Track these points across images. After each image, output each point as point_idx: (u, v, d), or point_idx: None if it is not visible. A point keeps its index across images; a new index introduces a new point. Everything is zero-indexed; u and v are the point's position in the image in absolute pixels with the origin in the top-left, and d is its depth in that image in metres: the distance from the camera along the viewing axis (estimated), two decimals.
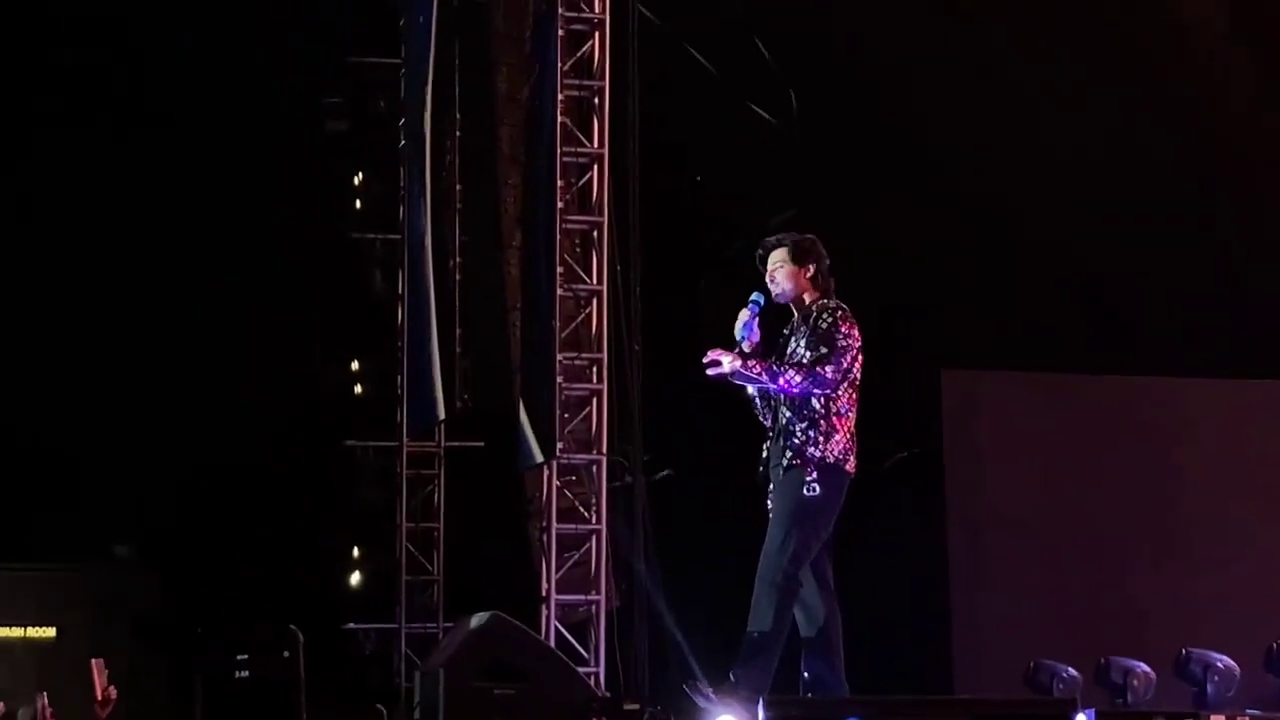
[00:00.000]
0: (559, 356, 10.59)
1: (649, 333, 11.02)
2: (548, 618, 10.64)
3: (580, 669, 9.82)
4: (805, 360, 8.24)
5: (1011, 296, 12.14)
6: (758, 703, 7.73)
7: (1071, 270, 12.20)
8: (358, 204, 12.88)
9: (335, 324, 12.71)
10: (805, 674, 8.34)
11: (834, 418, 8.25)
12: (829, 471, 8.20)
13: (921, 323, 12.04)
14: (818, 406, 8.24)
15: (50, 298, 12.34)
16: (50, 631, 12.03)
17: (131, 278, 12.43)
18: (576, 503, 10.85)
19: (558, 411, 10.53)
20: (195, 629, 10.74)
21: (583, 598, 10.76)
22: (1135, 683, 10.20)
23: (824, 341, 8.25)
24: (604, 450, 10.76)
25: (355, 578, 12.50)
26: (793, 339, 8.45)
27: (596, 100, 10.95)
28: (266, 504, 12.36)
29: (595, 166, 10.94)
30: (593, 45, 10.98)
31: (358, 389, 12.69)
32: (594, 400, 10.83)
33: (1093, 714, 8.26)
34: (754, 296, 8.53)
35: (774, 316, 8.59)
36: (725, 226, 11.88)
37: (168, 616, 11.98)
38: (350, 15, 12.80)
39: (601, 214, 10.87)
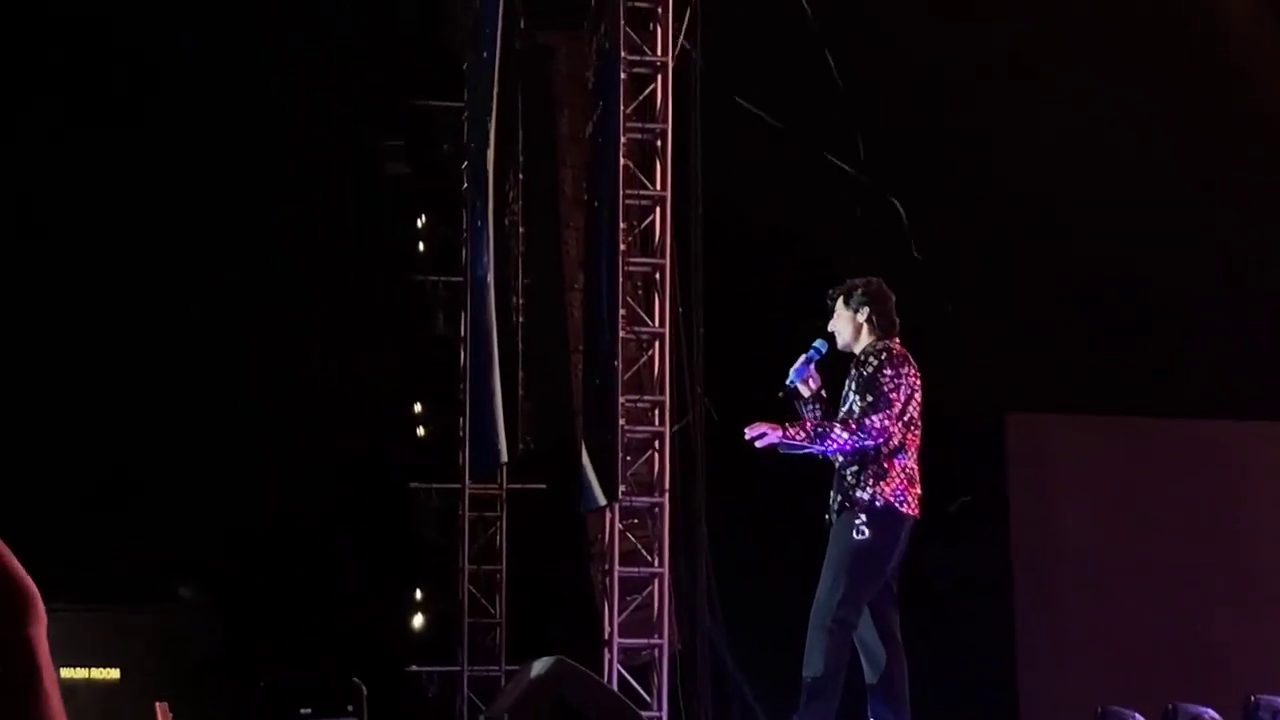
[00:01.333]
0: (621, 399, 10.58)
1: (711, 375, 11.01)
2: (610, 661, 10.60)
3: (643, 713, 9.78)
4: (854, 413, 8.17)
5: (1077, 338, 12.07)
6: None
7: (1138, 311, 12.12)
8: (420, 246, 12.90)
9: (398, 366, 12.72)
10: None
11: (885, 460, 8.17)
12: (880, 515, 8.13)
13: (986, 365, 11.98)
14: (869, 450, 8.18)
15: (119, 340, 12.39)
16: (114, 673, 12.05)
17: (194, 320, 12.49)
18: (639, 545, 10.83)
19: (620, 454, 10.51)
20: (258, 682, 10.77)
21: (645, 641, 10.72)
22: None
23: (869, 389, 8.19)
24: (666, 492, 10.73)
25: (418, 620, 12.48)
26: (846, 387, 8.42)
27: (659, 143, 10.96)
28: (330, 546, 12.37)
29: (658, 209, 10.94)
30: (655, 88, 11.00)
31: (420, 431, 12.70)
32: (656, 443, 10.81)
33: None
34: (816, 343, 8.51)
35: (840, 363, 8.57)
36: (790, 269, 11.83)
37: (231, 659, 12.00)
38: (412, 58, 12.84)
39: (664, 256, 10.88)
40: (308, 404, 12.36)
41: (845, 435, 8.11)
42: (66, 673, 11.98)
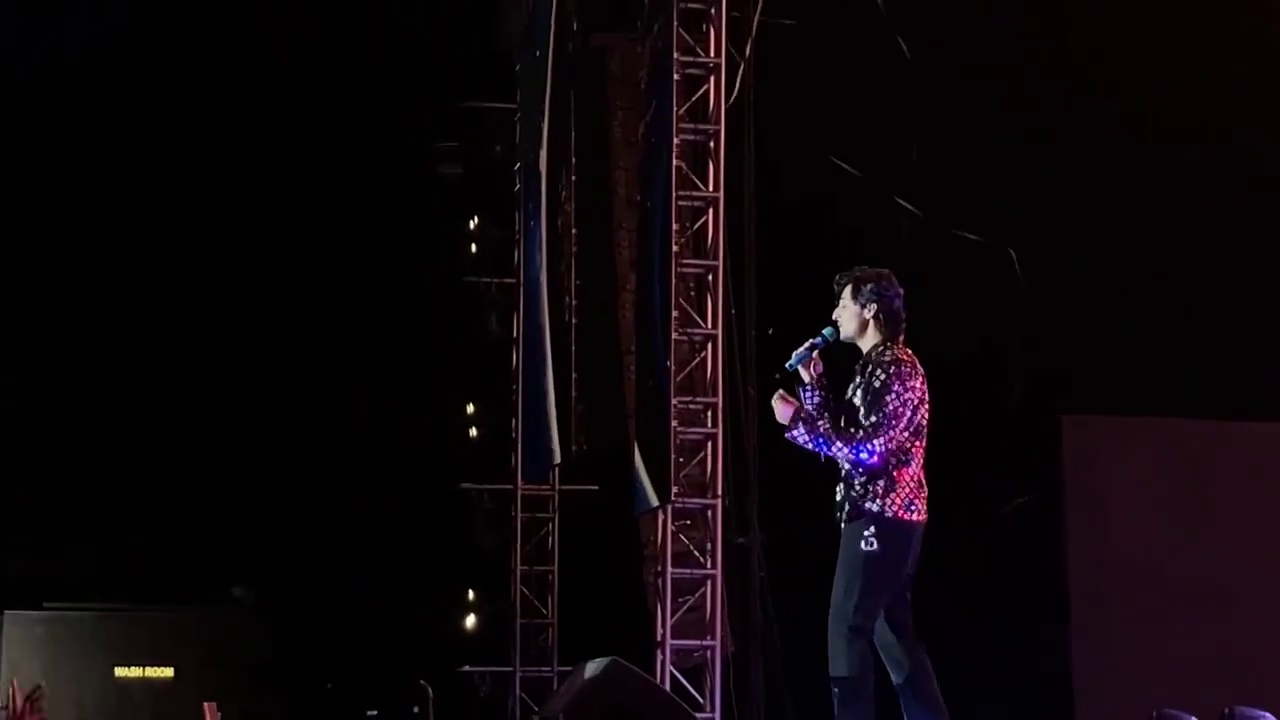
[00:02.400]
0: (674, 400, 10.56)
1: (764, 377, 10.98)
2: (663, 663, 10.58)
3: (696, 715, 9.75)
4: (862, 426, 8.11)
5: (1136, 340, 11.99)
6: None
7: (1194, 313, 12.04)
8: (473, 248, 12.93)
9: (451, 367, 12.75)
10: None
11: (894, 471, 8.12)
12: (888, 526, 8.07)
13: (1042, 366, 11.93)
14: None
15: (171, 347, 12.47)
16: (168, 672, 12.13)
17: (250, 321, 12.55)
18: (691, 547, 10.80)
19: (673, 455, 10.49)
20: (324, 683, 10.80)
21: (698, 643, 10.69)
22: None
23: (875, 406, 8.09)
24: (719, 494, 10.70)
25: (471, 620, 12.51)
26: (851, 384, 8.35)
27: (712, 144, 10.93)
28: (383, 547, 12.42)
29: (710, 210, 10.90)
30: (708, 89, 10.96)
31: (473, 432, 12.72)
32: (709, 444, 10.78)
33: None
34: (825, 330, 8.44)
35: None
36: (843, 270, 11.80)
37: (283, 659, 12.05)
38: (465, 60, 12.86)
39: (717, 258, 10.84)
40: (361, 406, 12.40)
41: (847, 451, 8.08)
42: (121, 672, 12.07)
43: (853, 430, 8.07)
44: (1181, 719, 10.19)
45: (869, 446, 8.00)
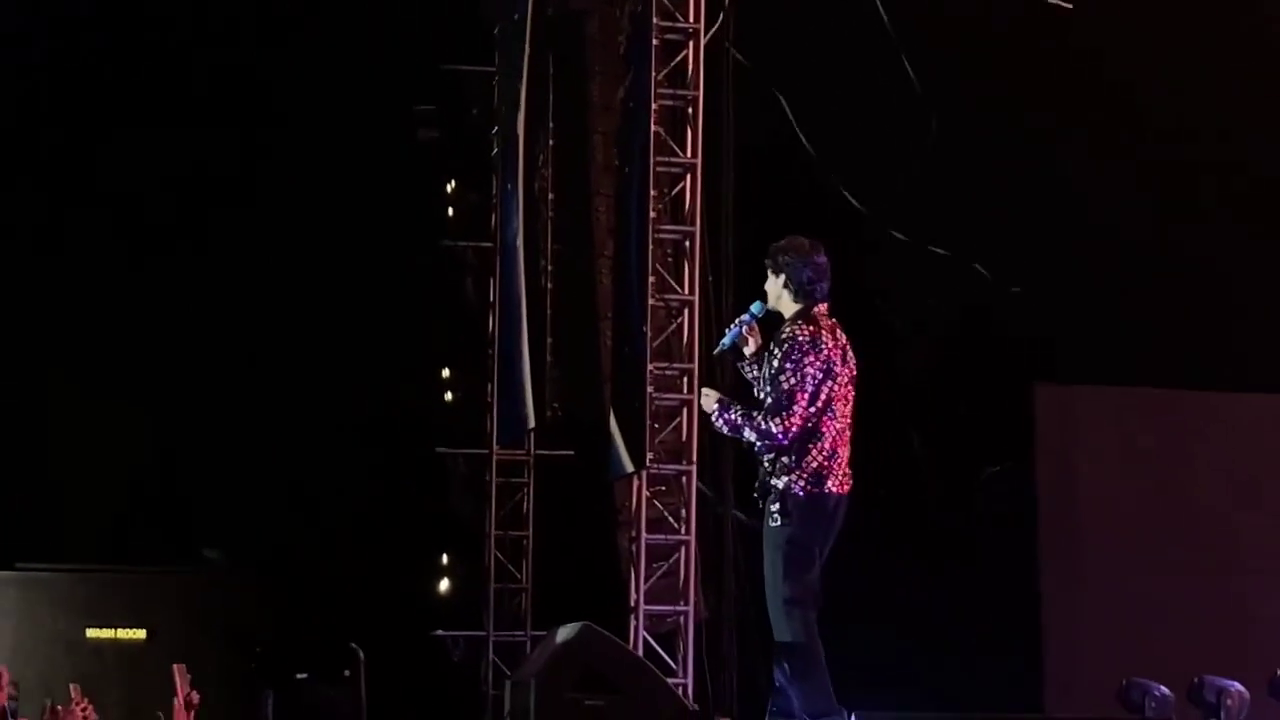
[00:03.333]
0: (650, 366, 10.57)
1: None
2: (636, 628, 10.60)
3: (668, 680, 9.78)
4: (763, 408, 8.21)
5: (1107, 310, 12.03)
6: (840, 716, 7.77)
7: (1166, 282, 12.07)
8: (450, 212, 12.89)
9: (426, 331, 12.73)
10: (776, 683, 8.38)
11: (797, 450, 8.20)
12: (793, 501, 8.19)
13: (1015, 335, 11.96)
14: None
15: (145, 306, 12.44)
16: (140, 633, 12.11)
17: (222, 285, 12.52)
18: (666, 513, 10.82)
19: (648, 421, 10.50)
20: (254, 648, 10.79)
21: (671, 608, 10.72)
22: (1229, 703, 10.06)
23: (772, 387, 8.21)
24: (694, 460, 10.72)
25: (444, 585, 12.52)
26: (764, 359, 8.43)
27: (690, 110, 10.92)
28: (356, 510, 12.41)
29: (688, 176, 10.90)
30: (687, 55, 10.95)
31: (448, 396, 12.71)
32: (684, 411, 10.80)
33: None
34: (754, 305, 8.53)
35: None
36: (820, 237, 11.81)
37: (258, 621, 12.05)
38: (443, 23, 12.81)
39: (694, 224, 10.84)
40: (335, 369, 12.38)
41: (752, 435, 8.21)
42: (93, 633, 12.06)
43: (754, 413, 8.17)
44: (1150, 687, 10.25)
45: (768, 428, 8.11)
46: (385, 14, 12.55)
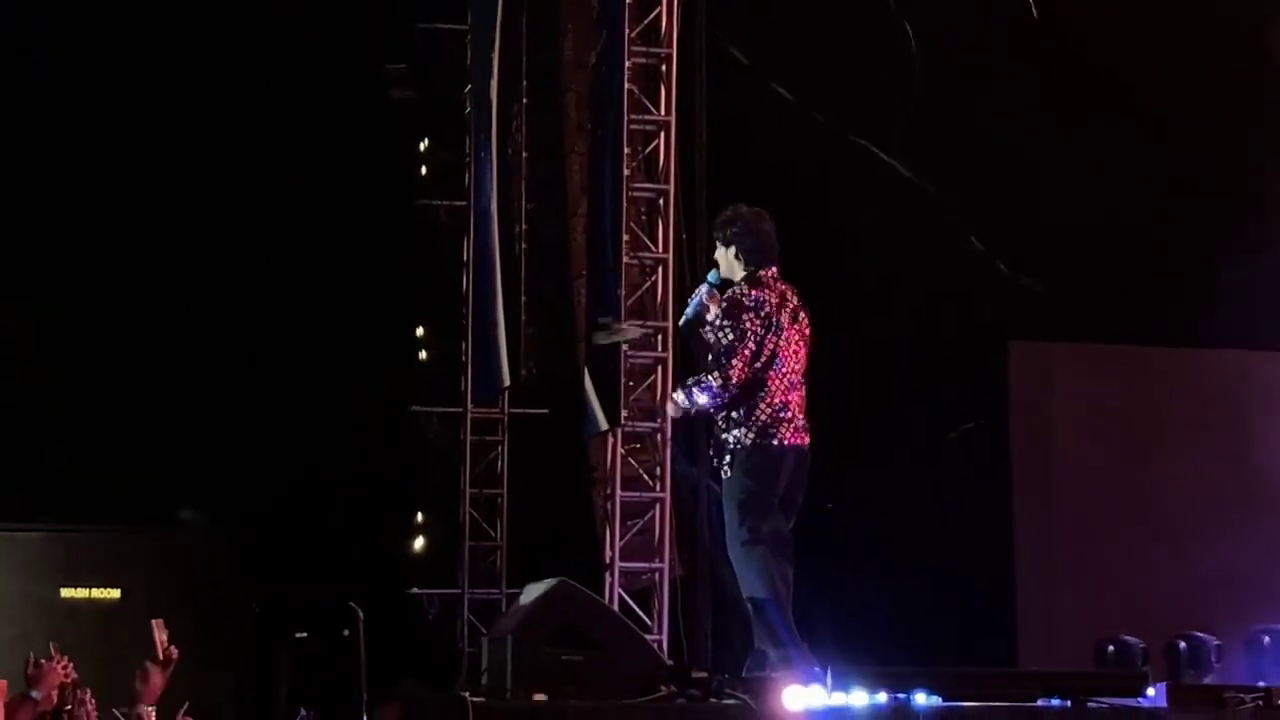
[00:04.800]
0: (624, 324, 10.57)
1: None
2: (611, 585, 10.64)
3: (643, 636, 9.80)
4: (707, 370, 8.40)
5: (1081, 266, 12.04)
6: (801, 662, 7.86)
7: (1140, 240, 12.09)
8: (423, 171, 12.85)
9: (400, 290, 12.70)
10: (755, 644, 8.49)
11: (743, 404, 8.44)
12: (743, 454, 8.45)
13: (989, 293, 11.98)
14: (731, 393, 8.38)
15: (121, 265, 12.39)
16: (115, 593, 12.09)
17: (196, 242, 12.48)
18: (640, 470, 10.86)
19: (622, 379, 10.52)
20: (252, 605, 10.77)
21: (646, 565, 10.77)
22: (1205, 658, 10.12)
23: (714, 347, 8.44)
24: (668, 419, 10.73)
25: (418, 543, 12.51)
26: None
27: (664, 68, 10.92)
28: (331, 469, 12.39)
29: (662, 134, 10.92)
30: (660, 12, 10.94)
31: (422, 355, 12.69)
32: (659, 369, 10.82)
33: (1163, 689, 8.22)
34: (710, 274, 8.70)
35: None
36: (793, 194, 11.82)
37: (232, 580, 12.04)
38: None
39: (668, 182, 10.86)
40: (309, 327, 12.34)
41: (704, 399, 8.44)
42: (67, 593, 12.03)
43: (700, 374, 8.38)
44: (1130, 644, 10.31)
45: (709, 382, 8.31)
46: None
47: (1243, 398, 11.98)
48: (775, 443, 8.44)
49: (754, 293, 8.51)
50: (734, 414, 8.46)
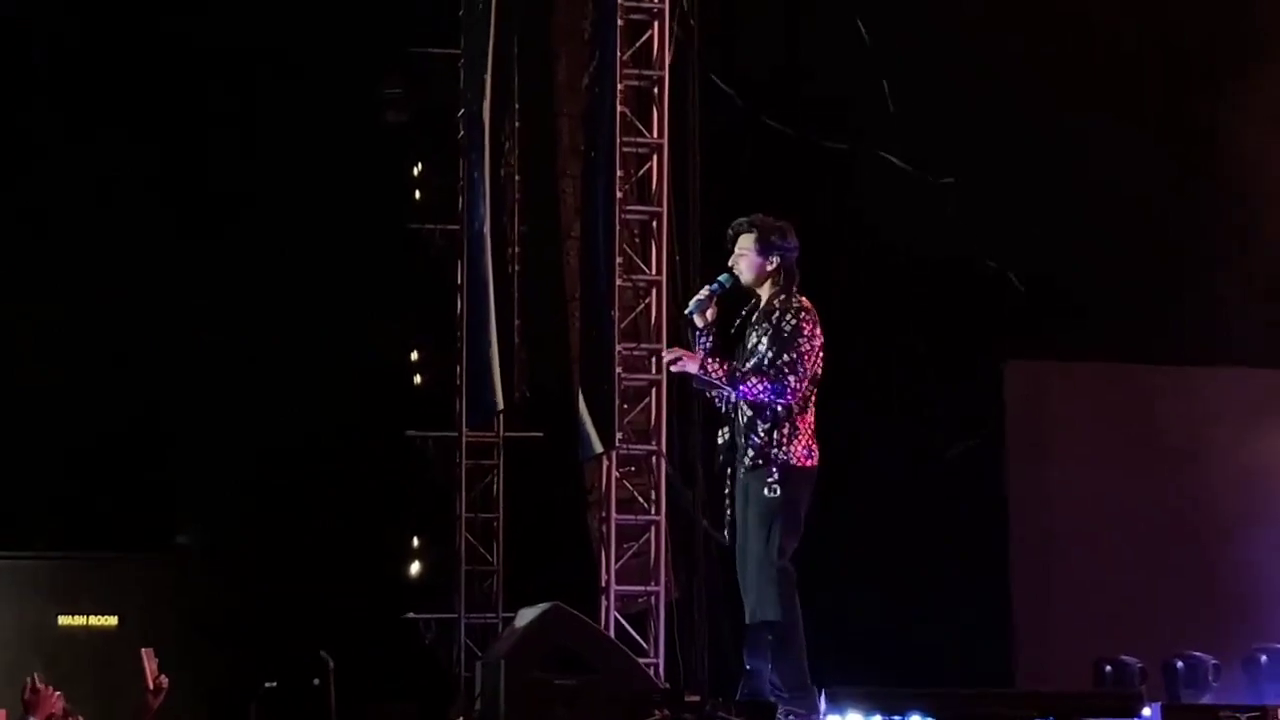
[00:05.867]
0: (618, 347, 10.57)
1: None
2: (607, 608, 10.61)
3: (640, 660, 9.79)
4: (768, 365, 8.24)
5: (1079, 287, 12.03)
6: (813, 694, 7.80)
7: (1138, 260, 12.08)
8: (417, 195, 12.86)
9: (395, 314, 12.70)
10: (747, 666, 8.44)
11: (797, 419, 8.30)
12: (791, 472, 8.34)
13: (985, 312, 11.97)
14: (779, 409, 8.27)
15: (113, 289, 12.39)
16: (112, 620, 12.08)
17: (194, 269, 12.48)
18: (636, 493, 10.83)
19: (617, 402, 10.50)
20: (219, 655, 10.75)
21: (642, 588, 10.74)
22: (1203, 677, 10.10)
23: (788, 348, 8.31)
24: (663, 441, 10.73)
25: (415, 567, 12.50)
26: (751, 333, 8.45)
27: (656, 90, 10.92)
28: (327, 494, 12.38)
29: (655, 157, 10.91)
30: (652, 35, 10.95)
31: (417, 379, 12.69)
32: (653, 391, 10.80)
33: (1159, 709, 8.20)
34: (721, 276, 8.58)
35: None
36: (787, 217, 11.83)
37: (230, 606, 12.03)
38: (409, 6, 12.77)
39: (661, 204, 10.86)
40: (304, 352, 12.35)
41: (760, 386, 8.28)
42: (65, 620, 12.02)
43: (765, 370, 8.20)
44: (1127, 664, 10.28)
45: (785, 384, 8.17)
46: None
47: (1237, 415, 11.96)
48: (811, 464, 8.40)
49: (811, 308, 8.41)
50: (783, 430, 8.33)
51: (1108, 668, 10.36)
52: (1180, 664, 10.24)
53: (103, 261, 12.36)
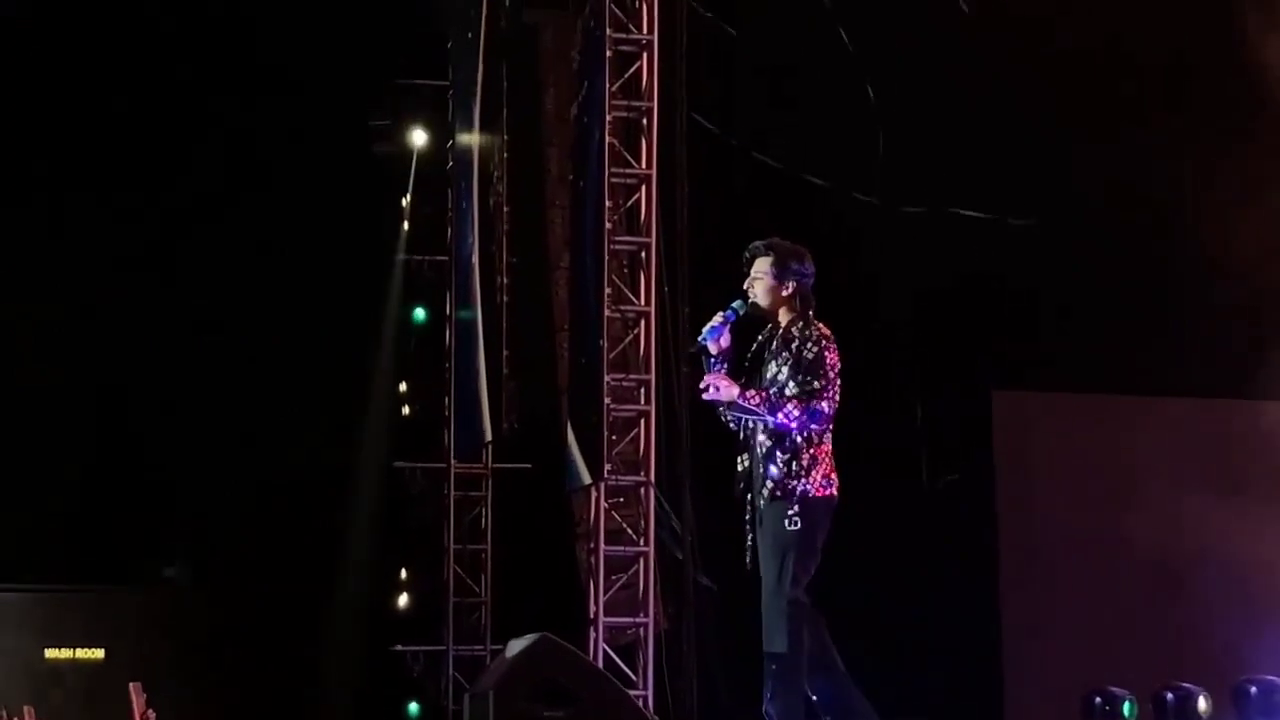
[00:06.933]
0: (606, 378, 10.55)
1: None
2: (595, 640, 10.57)
3: (629, 691, 9.75)
4: (796, 391, 8.17)
5: (1065, 317, 12.04)
6: None
7: (1127, 291, 12.09)
8: (405, 226, 12.87)
9: (383, 345, 12.70)
10: (814, 696, 8.33)
11: (815, 449, 8.21)
12: (811, 504, 8.19)
13: (972, 343, 11.97)
14: (799, 439, 8.19)
15: (102, 323, 12.39)
16: (98, 653, 12.05)
17: (176, 301, 12.48)
18: (624, 524, 10.80)
19: (605, 433, 10.48)
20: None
21: (631, 620, 10.69)
22: (1193, 709, 10.09)
23: (813, 374, 8.16)
24: (652, 472, 10.70)
25: (403, 599, 12.48)
26: (772, 361, 8.37)
27: (645, 121, 10.91)
28: (316, 525, 12.37)
29: (643, 187, 10.89)
30: (640, 66, 10.95)
31: (405, 410, 12.68)
32: (641, 422, 10.78)
33: None
34: (734, 303, 8.48)
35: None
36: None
37: (216, 639, 12.01)
38: (398, 38, 12.80)
39: (649, 235, 10.83)
40: (291, 384, 12.34)
41: (797, 413, 8.14)
42: (51, 654, 11.98)
43: (799, 398, 8.11)
44: (1117, 696, 10.27)
45: (818, 410, 8.07)
46: (341, 29, 12.53)
47: (1223, 446, 11.97)
48: (830, 493, 8.32)
49: (833, 348, 8.34)
50: (802, 460, 8.24)
51: (1098, 699, 10.35)
52: (1170, 696, 10.23)
53: (91, 296, 12.36)
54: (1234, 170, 11.55)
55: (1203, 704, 10.08)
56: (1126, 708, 10.17)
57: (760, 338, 8.46)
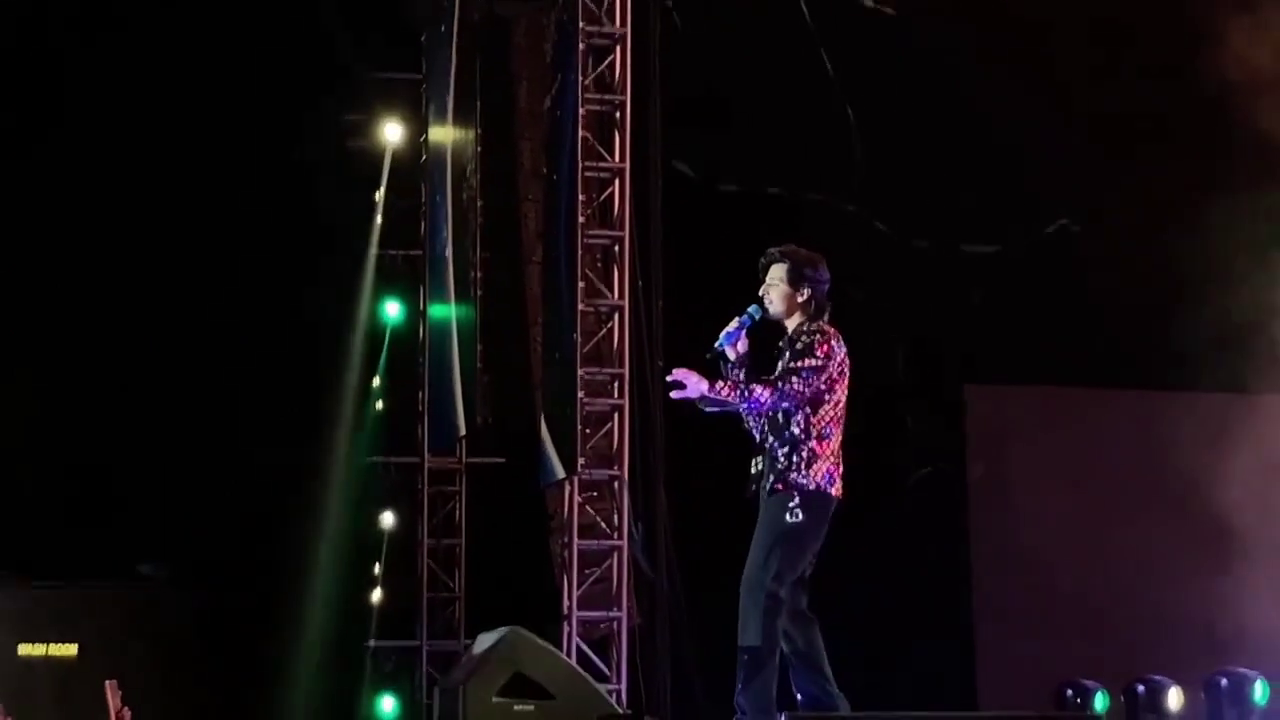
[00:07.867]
0: (580, 372, 10.54)
1: (670, 347, 10.97)
2: (569, 634, 10.57)
3: (602, 686, 9.75)
4: (777, 374, 8.17)
5: (1036, 311, 12.06)
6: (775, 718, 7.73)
7: (1098, 283, 12.11)
8: (378, 220, 12.83)
9: (356, 340, 12.67)
10: (799, 695, 8.32)
11: (815, 442, 8.17)
12: (811, 499, 8.16)
13: (945, 337, 11.99)
14: (798, 431, 8.16)
15: (82, 317, 12.35)
16: (71, 649, 12.00)
17: (155, 296, 12.45)
18: (598, 519, 10.80)
19: (579, 427, 10.48)
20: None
21: (604, 614, 10.70)
22: (1165, 701, 10.11)
23: (797, 358, 8.18)
24: (625, 466, 10.70)
25: (376, 595, 12.45)
26: (779, 362, 8.40)
27: (618, 115, 10.91)
28: (290, 521, 12.33)
29: (617, 181, 10.89)
30: (614, 60, 10.94)
31: (378, 405, 12.65)
32: (615, 415, 10.78)
33: None
34: (751, 308, 8.47)
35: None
36: (751, 241, 11.83)
37: (191, 635, 11.97)
38: (370, 32, 12.76)
39: (623, 228, 10.83)
40: (263, 378, 12.30)
41: (765, 393, 8.13)
42: (25, 649, 11.93)
43: (771, 380, 8.11)
44: (1089, 688, 10.29)
45: (785, 386, 8.04)
46: (313, 25, 12.50)
47: (1197, 439, 11.97)
48: (833, 492, 8.30)
49: (835, 334, 8.31)
50: (802, 454, 8.23)
51: (1069, 692, 10.37)
52: (1141, 688, 10.25)
53: (68, 293, 12.33)
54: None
55: (1174, 696, 10.10)
56: (1098, 699, 10.19)
57: (780, 344, 8.47)
